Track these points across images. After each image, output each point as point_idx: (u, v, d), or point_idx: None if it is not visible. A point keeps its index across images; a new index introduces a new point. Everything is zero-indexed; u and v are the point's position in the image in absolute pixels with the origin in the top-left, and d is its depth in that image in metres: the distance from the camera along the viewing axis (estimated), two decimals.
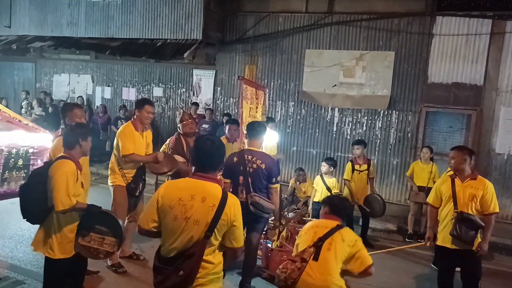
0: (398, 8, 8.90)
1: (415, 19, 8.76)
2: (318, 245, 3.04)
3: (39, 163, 8.17)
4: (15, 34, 11.99)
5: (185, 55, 9.50)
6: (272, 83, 10.00)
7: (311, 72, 9.67)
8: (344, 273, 3.08)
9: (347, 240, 3.05)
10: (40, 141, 8.13)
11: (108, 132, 11.06)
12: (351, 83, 9.38)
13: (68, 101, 12.62)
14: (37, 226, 5.87)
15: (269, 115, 8.55)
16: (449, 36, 8.52)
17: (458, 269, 4.21)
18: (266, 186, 4.25)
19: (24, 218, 3.48)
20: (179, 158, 4.92)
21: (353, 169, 6.75)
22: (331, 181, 6.53)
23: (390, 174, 9.18)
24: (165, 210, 2.48)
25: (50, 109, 11.61)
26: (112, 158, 4.82)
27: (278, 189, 4.35)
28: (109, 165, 4.87)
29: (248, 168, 4.15)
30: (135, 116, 4.82)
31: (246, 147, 4.37)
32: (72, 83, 12.81)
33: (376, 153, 9.22)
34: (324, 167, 6.48)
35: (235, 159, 4.25)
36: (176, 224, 2.45)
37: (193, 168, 2.62)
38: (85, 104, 12.00)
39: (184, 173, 4.90)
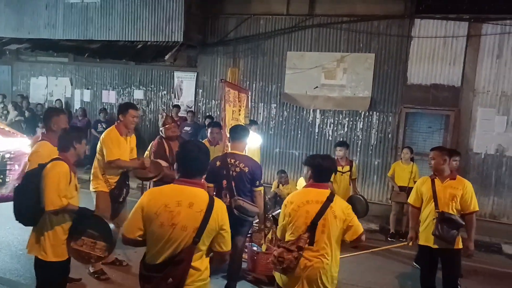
0: (378, 10, 9.02)
1: (394, 22, 8.90)
2: (312, 229, 2.96)
3: (16, 168, 7.99)
4: None
5: (166, 57, 9.43)
6: (254, 85, 10.01)
7: (293, 74, 9.72)
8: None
9: (339, 215, 2.99)
10: (17, 145, 7.96)
11: (88, 135, 10.87)
12: (332, 84, 9.46)
13: (46, 104, 12.38)
14: (18, 233, 5.76)
15: (252, 118, 8.54)
16: (427, 38, 8.68)
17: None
18: (250, 189, 4.24)
19: (17, 219, 3.45)
20: (162, 163, 4.87)
21: (336, 171, 6.78)
22: None
23: (371, 175, 9.29)
24: (150, 217, 2.42)
25: (27, 113, 11.34)
26: (95, 163, 4.74)
27: (262, 192, 4.34)
28: (92, 170, 4.79)
29: (231, 172, 4.13)
30: (118, 121, 4.75)
31: (229, 150, 4.36)
32: (50, 86, 12.56)
33: (358, 154, 9.32)
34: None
35: (218, 163, 4.23)
36: (163, 231, 2.40)
37: (178, 173, 2.58)
38: (63, 107, 11.77)
39: (167, 178, 4.86)
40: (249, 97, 5.93)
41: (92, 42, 10.62)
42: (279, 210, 3.44)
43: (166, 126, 5.17)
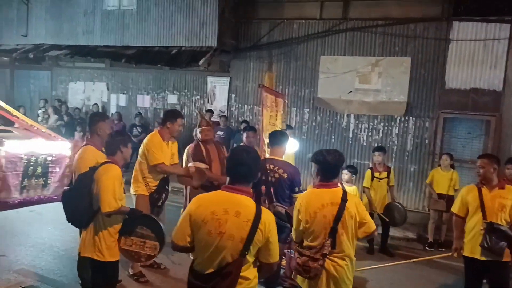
0: (414, 13, 8.84)
1: (432, 25, 8.69)
2: (333, 234, 2.97)
3: (58, 170, 8.22)
4: (31, 43, 12.14)
5: (201, 62, 9.53)
6: (287, 89, 9.97)
7: (326, 79, 9.63)
8: None
9: (354, 214, 3.01)
10: (59, 149, 8.21)
11: None
12: (367, 89, 9.32)
13: (83, 108, 12.74)
14: (59, 234, 5.94)
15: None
16: (467, 41, 8.43)
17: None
18: (289, 195, 4.21)
19: (69, 221, 3.56)
20: (201, 165, 4.91)
21: (373, 177, 6.67)
22: (351, 189, 6.44)
23: (407, 181, 9.07)
24: (198, 224, 2.42)
25: (65, 118, 11.70)
26: (136, 166, 4.83)
27: None
28: (133, 173, 4.87)
29: (270, 178, 4.11)
30: (163, 127, 4.81)
31: (268, 156, 4.34)
32: (87, 91, 12.93)
33: (393, 159, 9.12)
34: (346, 175, 6.31)
35: None
36: (210, 239, 2.38)
37: (227, 179, 2.55)
38: (100, 111, 12.09)
39: (209, 181, 4.90)
40: (286, 102, 5.90)
41: (128, 48, 10.87)
42: None
43: (202, 128, 5.19)
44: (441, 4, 8.58)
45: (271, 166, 4.14)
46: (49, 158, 7.81)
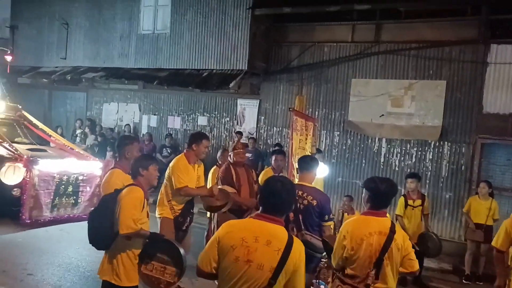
0: (449, 36, 8.63)
1: (468, 47, 8.44)
2: (378, 264, 2.89)
3: (88, 190, 8.39)
4: (69, 66, 12.63)
5: (231, 85, 9.61)
6: (317, 112, 9.87)
7: (357, 102, 9.47)
8: None
9: (402, 248, 2.95)
10: (90, 168, 8.37)
11: None
12: (399, 113, 9.09)
13: (116, 129, 13.04)
14: (86, 254, 5.96)
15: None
16: (506, 65, 8.12)
17: None
18: (318, 223, 4.05)
19: (91, 243, 3.51)
20: (229, 189, 4.85)
21: (406, 204, 6.40)
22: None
23: (442, 209, 8.68)
24: (226, 250, 2.33)
25: (99, 138, 11.98)
26: (162, 189, 4.81)
27: (332, 227, 4.14)
28: (158, 196, 4.86)
29: (298, 205, 3.98)
30: (189, 149, 4.80)
31: (297, 181, 4.23)
32: (120, 111, 13.25)
33: (427, 186, 8.77)
34: None
35: None
36: (237, 267, 2.29)
37: (260, 208, 2.48)
38: (131, 132, 12.33)
39: (235, 205, 4.82)
40: (316, 125, 5.80)
41: (160, 71, 11.11)
42: None
43: (236, 150, 5.15)
44: (478, 27, 8.34)
45: (300, 193, 4.01)
46: (80, 178, 8.02)
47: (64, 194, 7.78)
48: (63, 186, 7.73)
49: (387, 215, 3.11)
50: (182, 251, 3.41)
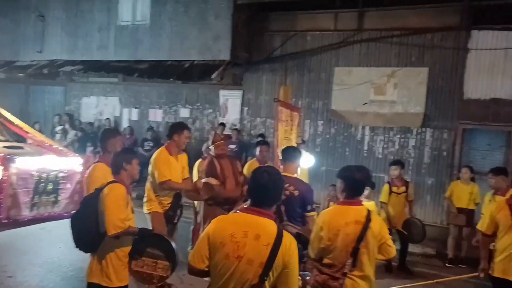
0: (431, 23, 8.65)
1: (450, 34, 8.48)
2: (355, 253, 2.92)
3: (69, 187, 8.17)
4: (46, 59, 12.28)
5: (213, 76, 9.48)
6: (300, 101, 9.82)
7: (341, 90, 9.46)
8: None
9: (377, 234, 2.97)
10: (70, 165, 8.14)
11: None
12: (382, 100, 9.11)
13: (96, 123, 12.78)
14: (69, 253, 5.83)
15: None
16: (486, 51, 8.19)
17: None
18: (301, 214, 4.00)
19: (77, 247, 3.38)
20: (213, 181, 4.78)
21: (391, 191, 6.44)
22: (370, 204, 6.20)
23: (425, 195, 8.77)
24: (216, 246, 2.29)
25: (78, 133, 11.73)
26: (148, 185, 4.70)
27: (315, 217, 4.10)
28: (145, 192, 4.74)
29: None
30: (170, 140, 4.70)
31: (282, 172, 4.17)
32: (100, 105, 12.98)
33: (410, 172, 8.84)
34: (367, 190, 6.04)
35: None
36: (228, 264, 2.26)
37: (248, 201, 2.44)
38: (111, 125, 12.08)
39: (219, 198, 4.75)
40: (301, 115, 5.76)
41: (141, 63, 10.89)
42: None
43: (217, 143, 5.08)
44: (460, 13, 8.38)
45: None
46: (60, 175, 7.77)
47: (43, 192, 7.54)
48: (42, 184, 7.48)
49: (363, 203, 3.16)
50: (173, 244, 3.36)
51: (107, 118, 12.32)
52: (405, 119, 8.88)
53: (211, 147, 5.16)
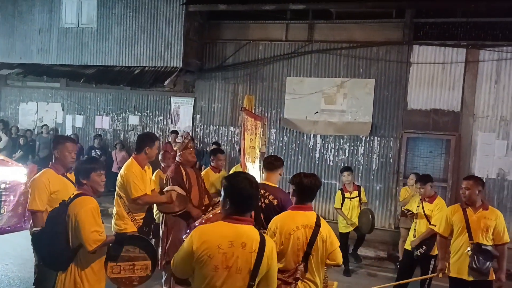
0: (377, 37, 9.15)
1: (393, 48, 9.02)
2: (306, 258, 3.00)
3: (12, 199, 7.61)
4: None
5: (166, 82, 9.32)
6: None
7: (293, 100, 9.70)
8: None
9: (326, 239, 3.04)
10: (13, 175, 7.59)
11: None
12: (332, 110, 9.46)
13: (35, 130, 12.01)
14: (17, 270, 5.42)
15: None
16: (426, 64, 8.82)
17: None
18: None
19: (45, 266, 3.22)
20: (178, 189, 4.67)
21: (343, 197, 6.71)
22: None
23: (373, 200, 9.20)
24: (203, 261, 2.29)
25: (21, 140, 10.96)
26: (118, 201, 4.41)
27: None
28: (115, 210, 4.47)
29: (260, 203, 3.96)
30: (139, 153, 4.43)
31: (262, 180, 4.21)
32: (40, 111, 12.21)
33: (359, 179, 9.25)
34: (347, 176, 6.72)
35: None
36: (217, 275, 2.28)
37: (225, 210, 2.44)
38: (50, 133, 11.37)
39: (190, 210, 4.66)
40: (266, 124, 5.83)
41: (87, 67, 10.44)
42: None
43: (187, 150, 4.94)
44: (402, 29, 8.95)
45: (262, 192, 3.98)
46: (2, 186, 7.22)
47: None
48: None
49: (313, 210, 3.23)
50: (152, 240, 3.29)
51: (45, 125, 11.48)
52: (354, 128, 9.28)
53: (180, 153, 5.01)
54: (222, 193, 2.49)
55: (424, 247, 5.13)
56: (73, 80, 10.77)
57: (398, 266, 5.73)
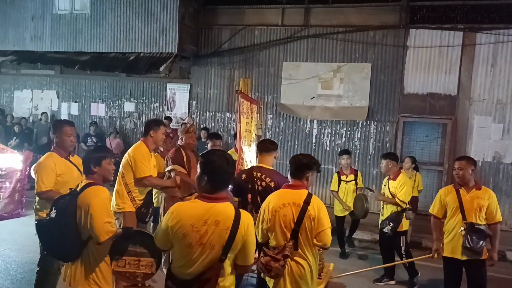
0: (373, 21, 9.09)
1: (390, 32, 8.97)
2: (294, 236, 3.04)
3: (7, 185, 7.64)
4: None
5: (161, 68, 9.26)
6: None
7: (289, 85, 9.66)
8: None
9: (316, 217, 3.05)
10: (9, 162, 7.60)
11: (77, 149, 10.50)
12: (329, 95, 9.44)
13: (31, 118, 11.96)
14: (15, 255, 5.44)
15: None
16: (423, 48, 8.78)
17: None
18: None
19: (54, 257, 3.21)
20: (179, 168, 4.70)
21: (340, 180, 6.73)
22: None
23: (370, 184, 9.21)
24: (178, 237, 2.41)
25: (16, 128, 10.92)
26: (120, 180, 4.44)
27: None
28: (115, 188, 4.48)
29: (256, 186, 3.97)
30: (146, 136, 4.51)
31: (257, 164, 4.21)
32: (35, 99, 12.14)
33: (356, 163, 9.27)
34: (346, 159, 6.67)
35: (243, 176, 4.07)
36: (191, 251, 2.40)
37: (201, 187, 2.48)
38: (48, 120, 11.34)
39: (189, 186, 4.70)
40: (261, 108, 5.81)
41: (81, 54, 10.35)
42: None
43: (189, 134, 4.97)
44: (399, 12, 8.89)
45: (258, 175, 3.99)
46: None
47: None
48: None
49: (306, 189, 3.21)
50: (151, 225, 3.27)
51: (44, 113, 11.51)
52: (351, 113, 9.27)
53: (183, 136, 5.03)
54: (199, 170, 2.53)
55: (391, 223, 5.26)
56: (68, 67, 10.69)
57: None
